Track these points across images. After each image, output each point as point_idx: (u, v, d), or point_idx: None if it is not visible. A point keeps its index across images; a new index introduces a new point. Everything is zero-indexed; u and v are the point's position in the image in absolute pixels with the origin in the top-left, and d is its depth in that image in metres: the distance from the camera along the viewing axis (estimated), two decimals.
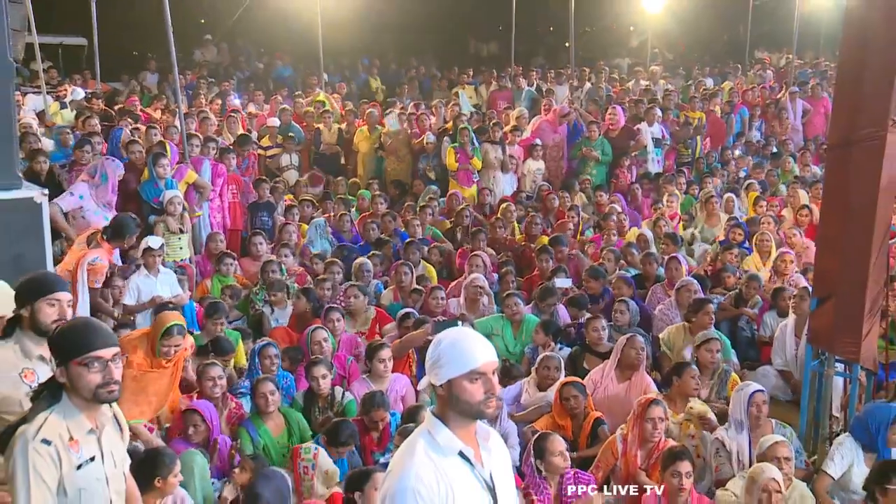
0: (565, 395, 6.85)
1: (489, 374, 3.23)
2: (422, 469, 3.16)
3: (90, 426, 3.68)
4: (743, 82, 22.01)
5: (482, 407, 3.22)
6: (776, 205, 13.08)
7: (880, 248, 6.71)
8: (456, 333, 3.35)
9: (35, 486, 3.45)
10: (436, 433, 3.25)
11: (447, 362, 3.22)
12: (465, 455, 3.25)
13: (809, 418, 7.21)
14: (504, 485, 3.37)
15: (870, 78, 6.48)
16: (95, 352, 3.58)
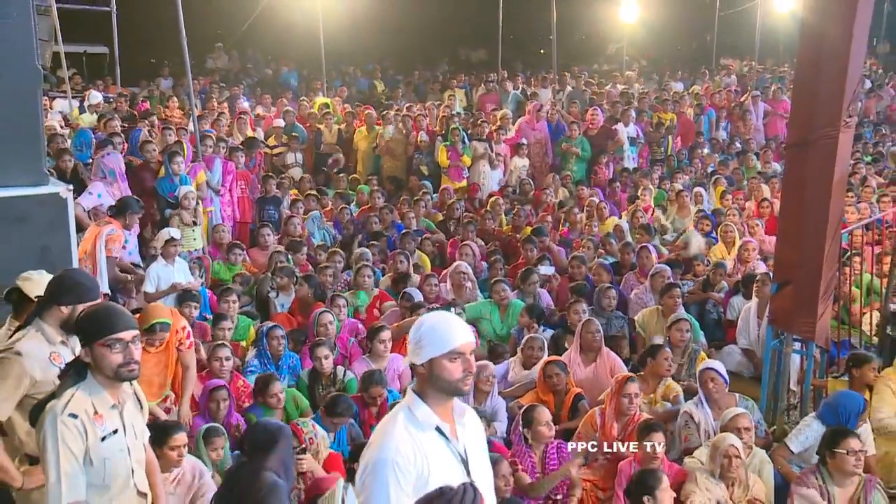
0: (548, 372, 6.89)
1: (467, 355, 3.22)
2: (401, 442, 3.14)
3: (113, 402, 3.71)
4: (710, 86, 22.00)
5: (460, 384, 3.22)
6: (740, 198, 13.13)
7: (833, 237, 6.75)
8: (437, 316, 3.34)
9: (64, 456, 3.48)
10: (415, 409, 3.24)
11: (429, 343, 3.21)
12: (441, 430, 3.24)
13: (770, 392, 7.25)
14: (476, 458, 3.36)
15: (824, 83, 6.52)
16: (117, 334, 3.61)
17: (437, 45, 28.63)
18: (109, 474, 3.67)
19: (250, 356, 7.51)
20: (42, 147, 6.09)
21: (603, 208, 12.28)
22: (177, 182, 10.47)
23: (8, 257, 5.41)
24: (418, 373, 3.26)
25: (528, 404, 6.21)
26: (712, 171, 15.10)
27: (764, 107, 18.47)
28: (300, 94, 20.57)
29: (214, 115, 14.94)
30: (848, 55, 6.35)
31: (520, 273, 9.24)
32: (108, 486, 3.67)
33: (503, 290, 8.59)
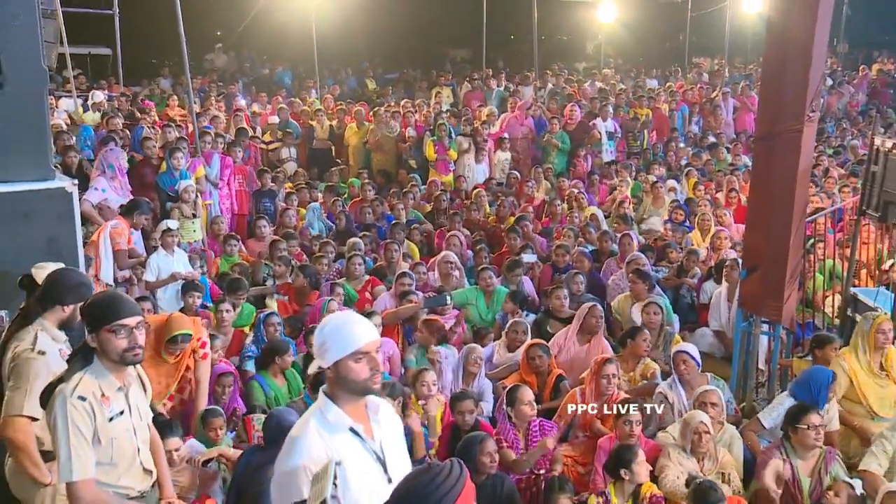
0: (531, 355, 6.91)
1: (372, 353, 3.10)
2: (313, 447, 3.02)
3: (119, 384, 3.72)
4: (683, 83, 22.05)
5: (369, 384, 3.10)
6: (712, 189, 13.18)
7: (798, 226, 6.79)
8: (338, 318, 3.21)
9: (74, 436, 3.49)
10: (326, 411, 3.11)
11: (332, 345, 3.07)
12: (355, 430, 3.11)
13: (739, 371, 7.28)
14: (394, 453, 3.22)
15: (788, 81, 6.54)
16: (122, 320, 3.61)
17: (424, 45, 28.58)
18: (117, 453, 3.67)
19: (248, 342, 7.50)
20: (48, 144, 6.09)
21: (582, 198, 12.31)
22: (177, 177, 10.53)
23: (17, 248, 5.45)
24: (327, 376, 3.14)
25: (512, 384, 6.23)
26: (685, 163, 15.16)
27: (733, 102, 18.58)
28: (294, 92, 20.54)
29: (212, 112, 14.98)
30: (810, 54, 6.37)
31: (505, 263, 9.24)
32: (115, 465, 3.68)
33: (489, 278, 8.60)
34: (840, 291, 8.48)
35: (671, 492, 5.34)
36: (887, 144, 7.38)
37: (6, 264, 5.38)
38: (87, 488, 3.53)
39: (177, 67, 18.44)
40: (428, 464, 2.49)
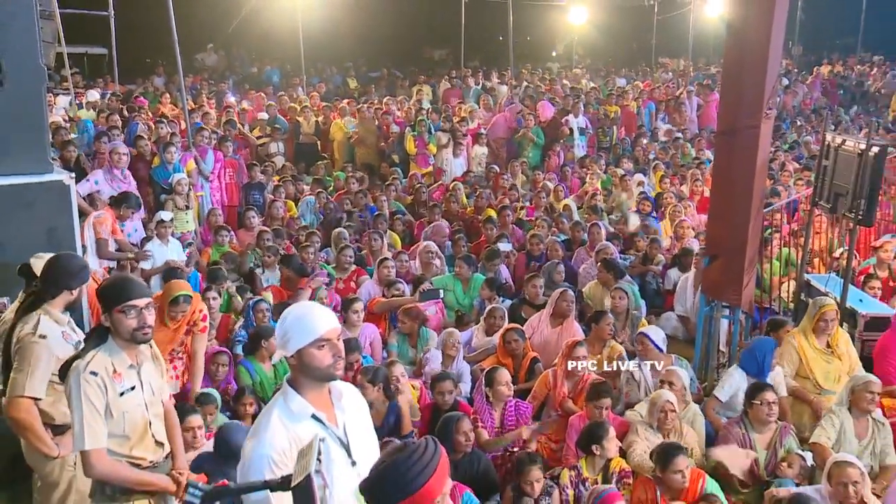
0: (508, 338, 6.92)
1: (334, 340, 3.02)
2: (275, 437, 2.95)
3: (131, 362, 3.77)
4: (650, 82, 22.12)
5: (331, 370, 3.02)
6: (677, 182, 13.24)
7: (756, 216, 6.84)
8: (299, 308, 3.10)
9: (86, 409, 3.55)
10: (289, 400, 3.03)
11: (294, 334, 2.98)
12: (317, 417, 3.03)
13: (702, 353, 7.34)
14: (358, 438, 3.14)
15: (747, 81, 6.59)
16: (132, 301, 3.67)
17: (405, 46, 28.51)
18: (128, 425, 3.71)
19: (238, 327, 7.47)
20: (46, 139, 6.10)
21: (560, 191, 12.33)
22: (170, 170, 10.59)
23: (18, 238, 5.51)
24: (290, 364, 3.05)
25: (490, 367, 6.23)
26: (652, 157, 15.20)
27: (697, 100, 18.63)
28: (281, 89, 20.47)
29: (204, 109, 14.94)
30: (767, 56, 6.43)
31: (484, 252, 9.24)
32: (127, 436, 3.72)
33: (461, 267, 8.59)
34: (794, 278, 8.56)
35: (639, 465, 5.38)
36: (837, 140, 7.45)
37: (7, 254, 5.43)
38: (99, 457, 3.59)
39: (170, 66, 18.40)
40: (404, 442, 2.50)
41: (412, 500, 2.36)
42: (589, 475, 5.27)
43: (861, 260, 9.46)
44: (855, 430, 5.69)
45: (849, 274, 7.51)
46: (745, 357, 6.42)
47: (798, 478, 5.45)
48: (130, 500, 3.75)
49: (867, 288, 8.28)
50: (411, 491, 2.36)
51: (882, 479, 5.50)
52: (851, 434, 5.67)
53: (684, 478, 4.93)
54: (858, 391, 5.69)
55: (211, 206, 11.05)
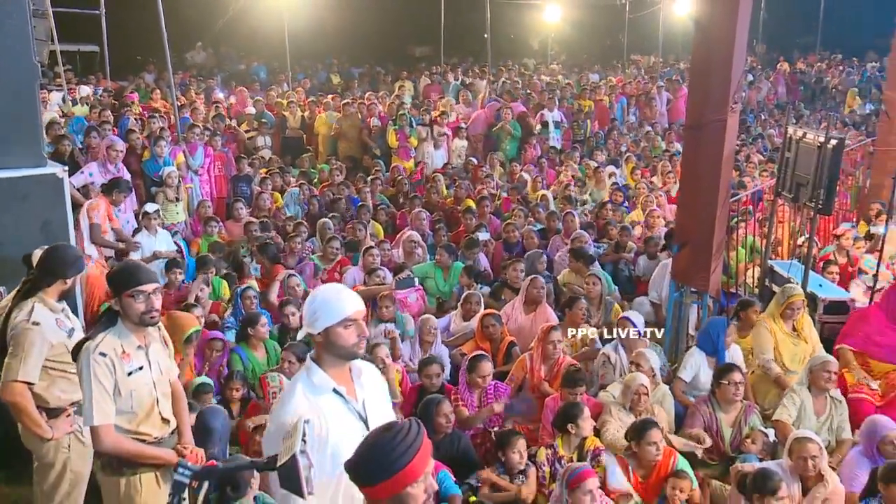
0: (485, 323, 6.93)
1: (360, 321, 3.10)
2: (298, 407, 3.01)
3: (139, 343, 3.82)
4: (622, 78, 22.16)
5: (355, 349, 3.10)
6: (648, 174, 13.29)
7: (723, 205, 6.88)
8: (329, 289, 3.20)
9: (95, 387, 3.61)
10: (312, 375, 3.11)
11: (323, 314, 3.06)
12: (338, 391, 3.11)
13: (672, 336, 7.39)
14: (376, 413, 3.19)
15: (713, 76, 6.62)
16: (140, 286, 3.72)
17: (387, 43, 28.39)
18: (136, 403, 3.76)
19: (227, 314, 7.44)
20: (40, 133, 6.10)
21: (537, 182, 12.34)
22: (160, 163, 10.55)
23: (13, 230, 5.54)
24: (316, 342, 3.13)
25: (476, 354, 6.14)
26: (624, 150, 15.25)
27: (667, 95, 18.70)
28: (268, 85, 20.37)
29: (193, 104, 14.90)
30: (732, 53, 6.46)
31: (463, 241, 9.23)
32: (135, 413, 3.77)
33: (442, 254, 8.58)
34: (759, 264, 8.62)
35: (612, 443, 5.41)
36: (798, 134, 7.50)
37: (3, 245, 5.44)
38: (107, 432, 3.65)
39: (160, 63, 18.25)
40: (389, 423, 2.52)
41: (396, 478, 2.38)
42: (564, 453, 5.30)
43: (821, 247, 9.56)
44: (814, 407, 5.77)
45: (809, 260, 7.58)
46: (701, 337, 6.55)
47: (761, 453, 5.53)
48: (136, 472, 3.82)
49: (826, 273, 8.37)
50: (395, 470, 2.38)
51: (838, 453, 5.57)
52: (811, 411, 5.75)
53: (658, 450, 4.97)
54: (817, 371, 5.77)
55: (200, 198, 10.99)
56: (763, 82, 22.76)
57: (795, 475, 4.83)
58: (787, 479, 4.64)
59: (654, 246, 9.11)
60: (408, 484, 2.40)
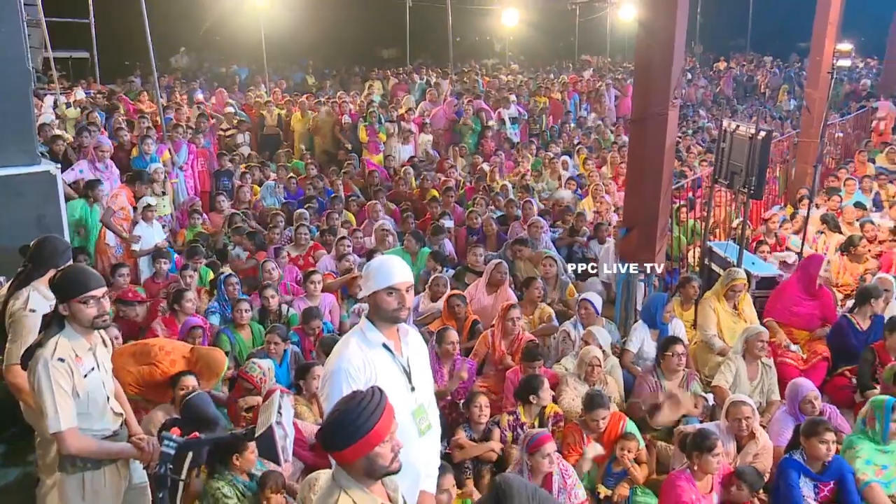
0: (451, 303, 6.91)
1: (403, 291, 3.20)
2: (353, 356, 3.14)
3: (88, 345, 3.66)
4: (574, 76, 22.21)
5: (397, 314, 3.21)
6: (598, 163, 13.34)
7: (666, 192, 6.94)
8: (382, 258, 3.31)
9: (58, 393, 3.44)
10: (366, 331, 3.24)
11: (373, 279, 3.20)
12: (387, 346, 3.25)
13: (621, 312, 7.44)
14: (418, 368, 3.37)
15: (655, 74, 6.67)
16: (91, 292, 3.54)
17: (357, 46, 28.23)
18: (92, 403, 3.63)
19: (212, 300, 7.38)
20: (34, 134, 6.12)
21: (495, 174, 12.34)
22: (148, 160, 10.41)
23: (10, 224, 5.53)
24: (369, 303, 3.27)
25: (440, 328, 6.19)
26: (577, 142, 15.30)
27: (615, 92, 18.78)
28: (247, 86, 20.20)
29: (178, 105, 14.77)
30: (672, 53, 6.51)
31: (429, 228, 9.20)
32: (90, 413, 3.63)
33: (410, 241, 8.55)
34: (699, 245, 8.71)
35: (568, 411, 5.46)
36: (732, 126, 7.56)
37: (2, 236, 5.45)
38: (73, 435, 3.52)
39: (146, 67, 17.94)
40: (353, 392, 2.56)
41: (364, 440, 2.44)
42: (526, 420, 5.33)
43: (754, 228, 9.69)
44: (748, 373, 5.87)
45: (743, 241, 7.67)
46: (643, 312, 6.66)
47: (701, 416, 5.60)
48: (100, 467, 3.72)
49: (758, 252, 8.50)
50: (363, 433, 2.43)
51: (767, 413, 5.68)
52: (745, 377, 5.84)
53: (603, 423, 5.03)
54: (751, 341, 5.86)
55: (187, 195, 10.90)
56: (701, 80, 22.96)
57: (731, 434, 4.92)
58: (723, 437, 4.72)
59: (605, 230, 9.16)
60: (376, 444, 2.46)
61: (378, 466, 2.49)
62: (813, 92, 11.85)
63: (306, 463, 4.83)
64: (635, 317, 7.37)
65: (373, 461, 2.48)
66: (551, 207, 10.94)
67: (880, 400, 4.75)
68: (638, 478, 4.93)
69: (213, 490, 4.25)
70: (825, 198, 10.71)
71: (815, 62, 11.78)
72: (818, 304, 6.83)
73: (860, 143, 15.20)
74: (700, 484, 4.43)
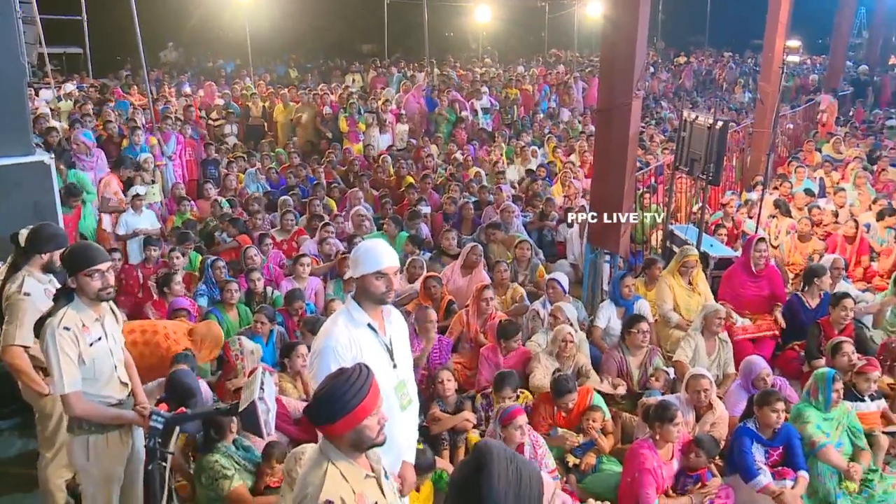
0: (427, 285, 6.87)
1: (390, 276, 3.19)
2: (339, 335, 3.14)
3: (96, 316, 3.70)
4: (544, 69, 22.18)
5: (383, 296, 3.20)
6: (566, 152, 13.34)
7: (630, 178, 6.94)
8: (372, 242, 3.28)
9: (63, 359, 3.50)
10: (352, 311, 3.22)
11: (362, 262, 3.17)
12: (372, 326, 3.24)
13: (588, 291, 7.46)
14: (400, 346, 3.37)
15: (619, 68, 6.66)
16: (96, 266, 3.60)
17: (338, 40, 27.97)
18: (98, 370, 3.66)
19: (200, 283, 7.29)
20: (29, 126, 6.10)
21: (469, 161, 12.30)
22: (138, 150, 10.33)
23: (6, 211, 5.49)
24: (356, 285, 3.25)
25: (421, 306, 6.15)
26: (547, 131, 15.28)
27: (582, 84, 18.77)
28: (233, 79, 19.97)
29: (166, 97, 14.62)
30: (634, 48, 6.52)
31: (407, 213, 9.16)
32: (97, 379, 3.67)
33: (389, 225, 8.51)
34: (661, 228, 8.75)
35: (539, 387, 5.44)
36: (692, 117, 7.58)
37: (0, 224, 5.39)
38: (77, 398, 3.57)
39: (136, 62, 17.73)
40: (340, 369, 2.54)
41: (353, 414, 2.43)
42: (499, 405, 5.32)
43: (712, 213, 9.74)
44: (706, 348, 5.90)
45: (702, 224, 7.71)
46: (610, 291, 6.72)
47: (663, 388, 5.63)
48: (104, 432, 3.74)
49: (717, 235, 8.54)
50: (352, 407, 2.42)
51: (723, 385, 5.73)
52: (703, 352, 5.88)
53: (572, 404, 5.03)
54: (709, 318, 5.90)
55: (175, 181, 10.76)
56: (662, 73, 23.02)
57: (690, 405, 4.96)
58: (683, 409, 4.77)
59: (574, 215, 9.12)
60: (363, 418, 2.46)
61: (365, 438, 2.50)
62: (766, 85, 11.95)
63: (291, 437, 4.80)
64: (602, 296, 7.41)
65: (361, 433, 2.48)
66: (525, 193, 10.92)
67: (822, 373, 4.88)
68: (604, 447, 4.95)
69: (210, 464, 4.19)
70: (778, 183, 10.83)
71: (767, 58, 11.89)
72: (764, 284, 6.85)
73: (808, 134, 15.41)
74: (661, 451, 4.47)
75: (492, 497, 1.72)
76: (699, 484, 4.51)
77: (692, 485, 4.51)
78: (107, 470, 3.77)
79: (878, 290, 7.78)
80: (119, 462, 3.82)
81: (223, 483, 4.12)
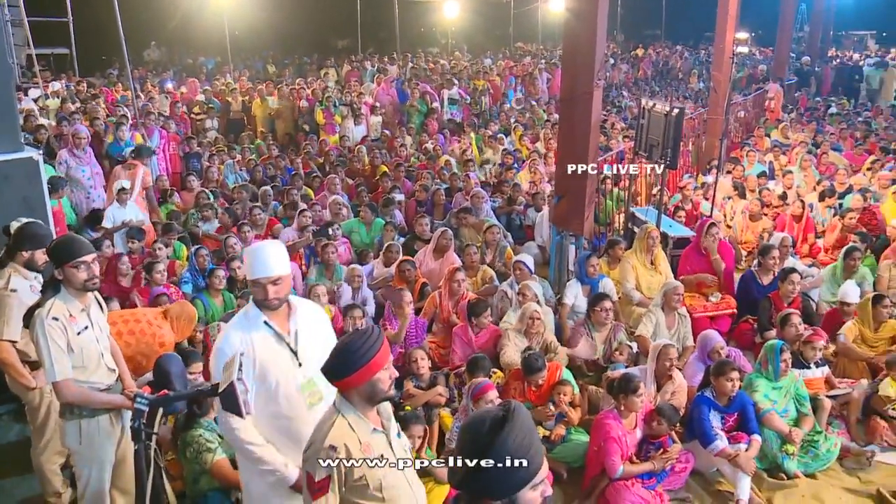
0: (402, 268, 6.81)
1: (266, 284, 3.02)
2: (231, 336, 3.03)
3: (82, 306, 3.65)
4: (510, 62, 22.08)
5: (266, 302, 3.04)
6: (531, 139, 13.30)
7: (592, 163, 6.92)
8: (253, 249, 3.14)
9: (53, 347, 3.47)
10: (248, 312, 3.11)
11: (247, 267, 3.09)
12: (269, 324, 3.07)
13: (555, 272, 7.45)
14: (308, 344, 3.13)
15: (581, 59, 6.61)
16: (82, 257, 3.55)
17: (313, 36, 27.63)
18: (86, 358, 3.62)
19: (184, 270, 7.17)
20: (17, 123, 5.98)
21: (439, 150, 12.21)
22: (123, 145, 10.11)
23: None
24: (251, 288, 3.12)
25: (396, 289, 6.12)
26: (514, 120, 15.23)
27: (546, 75, 18.72)
28: (213, 76, 19.68)
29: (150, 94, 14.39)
30: (595, 40, 6.47)
31: (381, 200, 9.08)
32: (86, 367, 3.63)
33: (366, 212, 8.44)
34: (623, 211, 8.76)
35: (509, 364, 5.42)
36: (650, 105, 7.58)
37: None
38: (67, 385, 3.54)
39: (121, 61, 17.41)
40: (356, 329, 2.56)
41: (367, 367, 2.49)
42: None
43: (671, 195, 9.77)
44: (666, 322, 5.92)
45: (661, 206, 7.72)
46: (576, 270, 6.72)
47: (627, 362, 5.64)
48: (95, 416, 3.70)
49: (676, 217, 8.58)
50: (365, 361, 2.48)
51: (683, 357, 5.74)
52: (664, 326, 5.90)
53: (542, 381, 5.02)
54: (669, 294, 5.91)
55: (158, 174, 10.53)
56: (622, 64, 23.03)
57: (652, 377, 4.97)
58: (645, 380, 4.78)
59: (541, 199, 9.13)
60: (376, 372, 2.52)
61: (378, 391, 2.55)
62: (718, 75, 12.02)
63: None
64: (568, 276, 7.40)
65: (374, 385, 2.53)
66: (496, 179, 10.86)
67: (771, 344, 4.96)
68: (573, 419, 4.95)
69: (194, 438, 4.13)
70: (731, 167, 10.91)
71: (719, 49, 11.97)
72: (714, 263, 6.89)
73: (759, 121, 15.54)
74: (626, 421, 4.48)
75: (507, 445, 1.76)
76: (661, 450, 4.53)
77: (654, 451, 4.53)
78: (98, 451, 3.75)
79: (822, 264, 7.88)
80: (110, 444, 3.80)
81: (206, 456, 4.07)
